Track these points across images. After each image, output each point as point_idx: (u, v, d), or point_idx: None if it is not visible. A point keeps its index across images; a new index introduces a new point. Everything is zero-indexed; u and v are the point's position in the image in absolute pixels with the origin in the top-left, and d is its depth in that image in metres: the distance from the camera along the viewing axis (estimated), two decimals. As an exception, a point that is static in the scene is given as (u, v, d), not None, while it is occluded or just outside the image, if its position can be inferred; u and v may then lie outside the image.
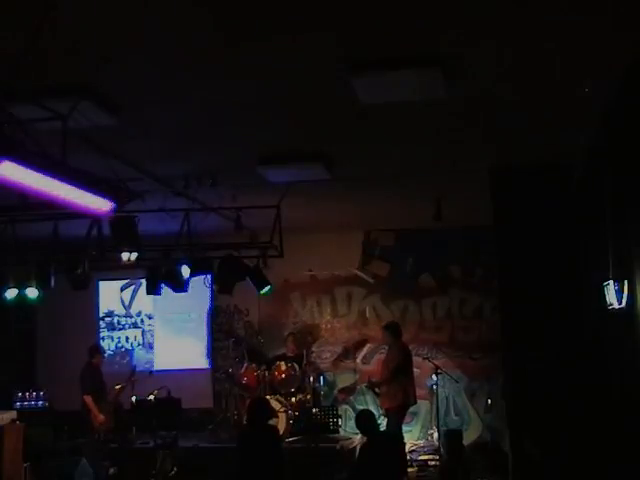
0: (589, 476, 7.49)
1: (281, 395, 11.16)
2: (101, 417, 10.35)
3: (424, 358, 11.61)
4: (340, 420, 11.06)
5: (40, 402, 11.30)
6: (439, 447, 10.81)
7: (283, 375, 11.40)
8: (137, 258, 9.36)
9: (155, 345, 13.31)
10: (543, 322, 7.96)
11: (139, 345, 13.38)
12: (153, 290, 9.79)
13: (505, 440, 9.44)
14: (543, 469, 7.80)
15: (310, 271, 12.60)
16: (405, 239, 12.39)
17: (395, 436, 9.37)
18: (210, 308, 12.98)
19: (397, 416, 10.30)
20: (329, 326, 12.59)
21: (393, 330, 10.76)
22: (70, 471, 9.25)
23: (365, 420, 8.04)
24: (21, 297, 9.58)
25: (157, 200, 8.47)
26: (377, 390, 10.68)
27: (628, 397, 6.90)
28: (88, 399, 10.41)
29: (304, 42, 5.05)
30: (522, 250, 8.19)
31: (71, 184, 5.26)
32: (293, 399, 11.21)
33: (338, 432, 10.88)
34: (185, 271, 9.25)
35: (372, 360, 12.22)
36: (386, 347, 10.99)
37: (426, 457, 10.93)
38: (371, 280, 12.56)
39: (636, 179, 6.17)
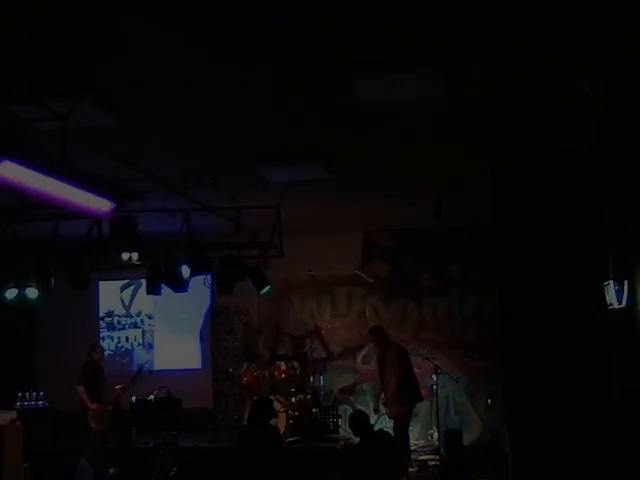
0: (589, 476, 7.49)
1: (281, 395, 11.16)
2: (94, 405, 10.50)
3: (424, 358, 11.56)
4: (340, 420, 11.07)
5: (40, 402, 11.28)
6: (439, 447, 10.80)
7: (283, 375, 11.39)
8: (137, 258, 9.38)
9: (155, 345, 13.31)
10: (543, 322, 7.96)
11: (139, 345, 13.38)
12: (153, 290, 9.81)
13: (505, 440, 9.43)
14: (543, 469, 7.80)
15: (310, 271, 12.59)
16: (405, 239, 12.38)
17: (390, 436, 9.34)
18: (210, 308, 12.98)
19: (404, 420, 10.28)
20: (329, 326, 12.58)
21: (380, 334, 10.69)
22: (70, 471, 9.25)
23: (358, 421, 8.02)
24: (21, 297, 9.58)
25: (157, 200, 8.47)
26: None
27: (628, 397, 6.91)
28: (81, 389, 10.57)
29: (303, 42, 5.05)
30: (522, 250, 8.19)
31: (71, 184, 5.26)
32: (293, 399, 11.20)
33: (338, 432, 10.89)
34: (185, 271, 9.24)
35: (372, 360, 12.20)
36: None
37: (426, 457, 10.89)
38: (371, 280, 12.56)
39: (636, 178, 6.18)
